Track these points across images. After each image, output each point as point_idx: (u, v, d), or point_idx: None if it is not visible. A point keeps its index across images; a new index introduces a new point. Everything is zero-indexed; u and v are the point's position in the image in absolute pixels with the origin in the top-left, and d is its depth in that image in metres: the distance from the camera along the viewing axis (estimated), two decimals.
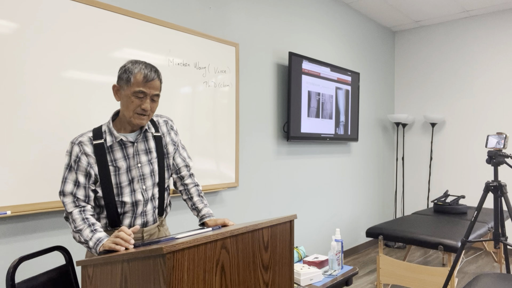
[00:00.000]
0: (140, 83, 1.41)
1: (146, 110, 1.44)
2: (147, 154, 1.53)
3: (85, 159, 1.43)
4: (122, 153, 1.48)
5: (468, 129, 4.76)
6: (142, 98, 1.43)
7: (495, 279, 1.90)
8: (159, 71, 1.48)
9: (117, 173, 1.47)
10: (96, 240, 1.33)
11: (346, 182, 4.42)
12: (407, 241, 2.90)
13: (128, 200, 1.48)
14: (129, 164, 1.49)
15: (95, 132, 1.48)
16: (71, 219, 1.39)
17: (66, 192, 1.41)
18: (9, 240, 1.88)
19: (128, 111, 1.43)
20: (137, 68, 1.42)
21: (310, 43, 3.86)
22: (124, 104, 1.44)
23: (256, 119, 3.26)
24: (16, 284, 1.35)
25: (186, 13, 2.69)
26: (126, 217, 1.50)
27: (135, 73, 1.41)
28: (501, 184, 2.41)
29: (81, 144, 1.44)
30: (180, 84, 2.59)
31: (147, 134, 1.54)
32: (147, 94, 1.43)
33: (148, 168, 1.53)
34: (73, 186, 1.42)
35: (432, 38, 5.05)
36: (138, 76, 1.41)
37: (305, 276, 1.93)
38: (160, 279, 1.00)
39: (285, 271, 1.41)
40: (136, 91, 1.41)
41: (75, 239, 1.38)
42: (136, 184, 1.50)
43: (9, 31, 1.83)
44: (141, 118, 1.45)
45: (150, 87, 1.43)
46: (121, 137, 1.47)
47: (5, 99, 1.82)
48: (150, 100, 1.45)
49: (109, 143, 1.46)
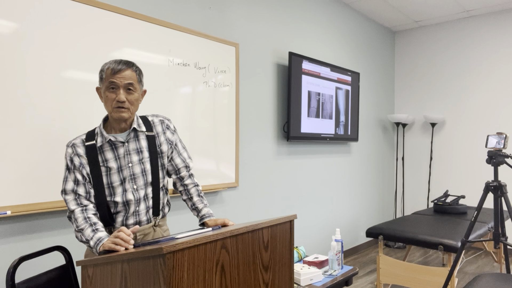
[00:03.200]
0: (109, 75, 1.43)
1: (122, 101, 1.43)
2: (138, 153, 1.53)
3: (78, 160, 1.46)
4: (113, 153, 1.49)
5: (468, 129, 4.76)
6: (115, 89, 1.43)
7: (495, 279, 1.90)
8: (132, 62, 1.48)
9: (109, 173, 1.48)
10: (96, 240, 1.34)
11: (346, 182, 4.42)
12: (407, 241, 2.90)
13: (120, 200, 1.49)
14: (120, 164, 1.49)
15: (88, 135, 1.51)
16: (73, 218, 1.41)
17: (67, 190, 1.45)
18: (9, 240, 1.88)
19: (107, 107, 1.46)
20: (107, 64, 1.45)
21: (310, 43, 3.86)
22: (104, 102, 1.47)
23: (256, 119, 3.26)
24: (16, 284, 1.35)
25: (186, 13, 2.69)
26: (119, 216, 1.50)
27: (105, 69, 1.45)
28: (501, 184, 2.41)
29: (74, 146, 1.48)
30: (180, 84, 2.59)
31: (138, 134, 1.54)
32: (119, 85, 1.43)
33: (139, 167, 1.52)
34: (73, 184, 1.45)
35: (432, 38, 5.05)
36: (107, 71, 1.44)
37: (305, 276, 1.93)
38: (160, 279, 1.00)
39: (285, 271, 1.41)
40: (107, 85, 1.43)
41: (77, 238, 1.40)
42: (127, 184, 1.50)
43: (9, 31, 1.83)
44: (120, 111, 1.44)
45: (120, 77, 1.43)
46: (110, 137, 1.48)
47: (5, 99, 1.82)
48: (126, 91, 1.45)
49: (99, 144, 1.48)
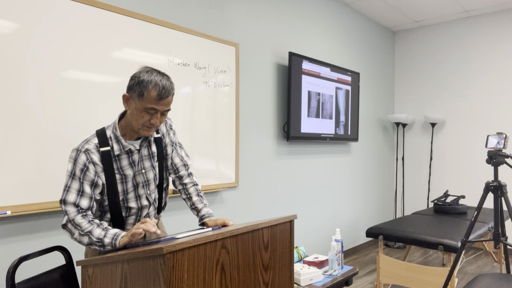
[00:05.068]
0: (153, 100, 1.35)
1: (154, 125, 1.41)
2: (150, 159, 1.53)
3: (93, 168, 1.38)
4: (128, 160, 1.46)
5: (468, 129, 4.76)
6: (153, 114, 1.38)
7: (495, 279, 1.89)
8: (173, 84, 1.41)
9: (124, 180, 1.46)
10: (113, 235, 1.32)
11: (346, 182, 4.42)
12: (407, 241, 2.90)
13: (134, 205, 1.49)
14: (134, 170, 1.48)
15: (100, 138, 1.42)
16: (75, 224, 1.34)
17: (68, 202, 1.35)
18: (9, 240, 1.88)
19: (137, 123, 1.39)
20: (152, 83, 1.34)
21: (310, 43, 3.86)
22: (133, 116, 1.39)
23: (256, 119, 3.26)
24: (16, 284, 1.35)
25: (186, 13, 2.69)
26: (130, 219, 1.51)
27: (149, 89, 1.34)
28: (501, 184, 2.41)
29: (88, 152, 1.38)
30: (180, 84, 2.59)
31: (149, 139, 1.54)
32: (159, 111, 1.38)
33: (151, 173, 1.53)
34: (76, 196, 1.35)
35: (432, 38, 5.05)
36: (152, 93, 1.34)
37: (305, 276, 1.93)
38: (160, 279, 1.00)
39: (285, 271, 1.41)
40: (148, 107, 1.36)
41: (82, 242, 1.34)
42: (141, 189, 1.50)
43: (9, 30, 1.83)
44: (149, 131, 1.42)
45: (163, 104, 1.38)
46: (130, 146, 1.44)
47: (5, 99, 1.82)
48: (160, 114, 1.41)
49: (116, 152, 1.42)
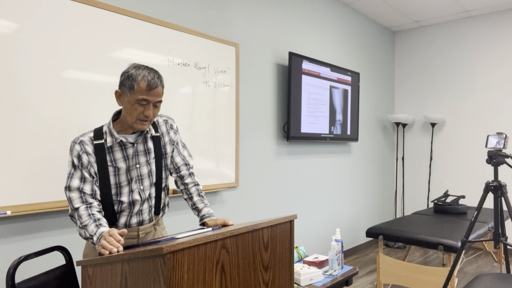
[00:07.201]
0: (144, 91, 1.41)
1: (148, 117, 1.45)
2: (146, 155, 1.55)
3: (86, 158, 1.45)
4: (122, 153, 1.50)
5: (468, 129, 4.76)
6: (145, 105, 1.44)
7: (495, 279, 1.90)
8: (161, 77, 1.48)
9: (117, 173, 1.49)
10: (99, 235, 1.33)
11: (346, 182, 4.42)
12: (407, 241, 2.90)
13: (126, 199, 1.51)
14: (128, 164, 1.51)
15: (96, 132, 1.49)
16: (77, 216, 1.39)
17: (72, 187, 1.41)
18: (9, 240, 1.88)
19: (131, 117, 1.45)
20: (140, 75, 1.41)
21: (310, 43, 3.86)
22: (126, 110, 1.45)
23: (256, 119, 3.26)
24: (16, 284, 1.35)
25: (186, 13, 2.69)
26: (122, 215, 1.52)
27: (138, 80, 1.41)
28: (501, 184, 2.41)
29: (82, 143, 1.46)
30: (180, 84, 2.59)
31: (146, 135, 1.56)
32: (150, 102, 1.44)
33: (146, 168, 1.55)
34: (79, 181, 1.42)
35: (432, 38, 5.05)
36: (141, 84, 1.41)
37: (305, 276, 1.93)
38: (160, 279, 1.00)
39: (285, 271, 1.41)
40: (139, 99, 1.42)
41: (81, 236, 1.38)
42: (134, 184, 1.52)
43: (9, 31, 1.83)
44: (144, 124, 1.47)
45: (153, 95, 1.43)
46: (121, 138, 1.49)
47: (5, 99, 1.82)
48: (153, 106, 1.46)
49: (109, 144, 1.48)
